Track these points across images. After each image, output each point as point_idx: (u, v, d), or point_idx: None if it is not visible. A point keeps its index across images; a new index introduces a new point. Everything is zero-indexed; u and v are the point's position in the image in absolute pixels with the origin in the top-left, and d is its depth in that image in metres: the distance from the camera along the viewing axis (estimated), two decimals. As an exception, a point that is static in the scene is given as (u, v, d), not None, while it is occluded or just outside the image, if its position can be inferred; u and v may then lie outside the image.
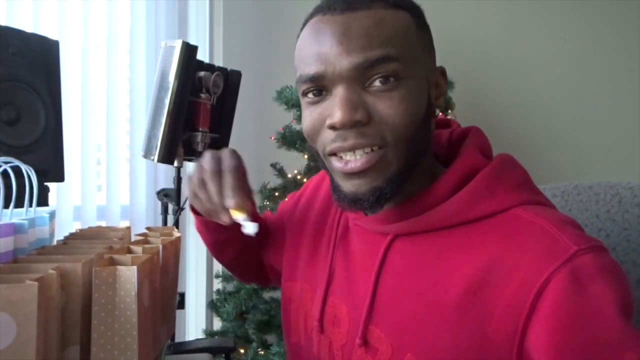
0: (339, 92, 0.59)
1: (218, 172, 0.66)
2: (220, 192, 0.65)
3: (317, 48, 0.60)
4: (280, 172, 1.88)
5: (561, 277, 0.52)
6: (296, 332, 0.78)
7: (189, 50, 1.46)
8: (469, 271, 0.57)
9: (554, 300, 0.52)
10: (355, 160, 0.59)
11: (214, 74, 1.53)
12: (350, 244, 0.72)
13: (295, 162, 1.87)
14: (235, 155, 0.68)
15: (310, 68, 0.60)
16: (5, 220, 0.68)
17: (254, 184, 2.09)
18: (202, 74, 1.52)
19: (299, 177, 1.85)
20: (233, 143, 1.72)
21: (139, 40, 1.98)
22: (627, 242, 0.83)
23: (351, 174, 0.60)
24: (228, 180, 0.65)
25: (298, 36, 0.66)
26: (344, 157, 0.60)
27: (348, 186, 0.61)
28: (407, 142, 0.59)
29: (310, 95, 0.62)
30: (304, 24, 0.65)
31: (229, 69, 1.63)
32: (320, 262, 0.75)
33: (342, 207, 0.64)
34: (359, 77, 0.58)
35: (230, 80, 1.61)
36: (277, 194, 1.84)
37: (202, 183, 0.67)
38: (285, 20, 2.22)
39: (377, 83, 0.58)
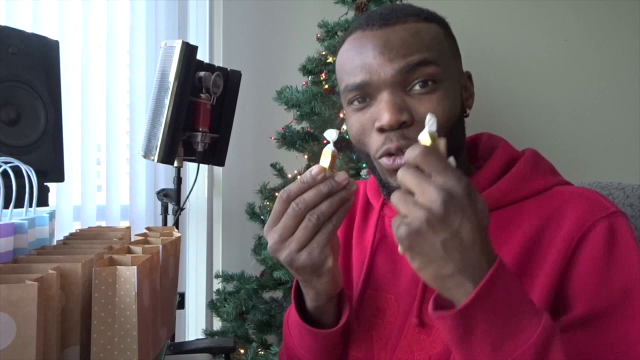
0: (383, 98, 0.64)
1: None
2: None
3: (360, 60, 0.66)
4: (280, 172, 1.88)
5: (601, 227, 0.63)
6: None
7: (189, 50, 1.46)
8: (523, 237, 0.65)
9: (593, 245, 0.62)
10: (401, 157, 0.63)
11: (214, 74, 1.54)
12: (392, 242, 0.75)
13: (295, 162, 1.87)
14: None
15: (356, 78, 0.66)
16: (5, 220, 0.68)
17: (254, 184, 2.09)
18: (202, 74, 1.52)
19: (299, 177, 1.85)
20: (233, 143, 1.72)
21: (139, 40, 1.98)
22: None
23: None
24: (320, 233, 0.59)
25: (337, 52, 0.72)
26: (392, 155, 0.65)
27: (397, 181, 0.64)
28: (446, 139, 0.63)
29: (355, 102, 0.68)
30: (343, 40, 0.70)
31: (229, 69, 1.63)
32: (347, 257, 0.80)
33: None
34: (401, 82, 0.64)
35: (230, 80, 1.61)
36: (277, 194, 1.83)
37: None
38: (285, 21, 2.22)
39: (417, 87, 0.64)
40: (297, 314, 0.69)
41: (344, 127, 1.50)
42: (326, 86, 1.75)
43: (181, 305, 1.98)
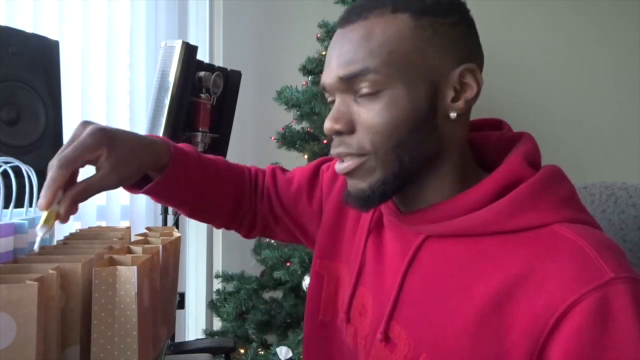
0: (334, 102, 0.64)
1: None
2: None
3: (327, 60, 0.65)
4: (280, 172, 1.87)
5: (590, 302, 0.50)
6: (327, 310, 0.78)
7: (189, 50, 1.46)
8: (497, 282, 0.56)
9: (577, 324, 0.50)
10: (342, 163, 0.64)
11: (214, 74, 1.54)
12: (383, 238, 0.72)
13: (295, 162, 1.87)
14: (84, 141, 0.62)
15: (322, 78, 0.66)
16: (5, 220, 0.68)
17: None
18: (202, 74, 1.52)
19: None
20: (233, 143, 1.72)
21: (139, 40, 1.98)
22: (623, 242, 0.84)
23: (344, 174, 0.65)
24: (48, 177, 0.59)
25: None
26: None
27: (347, 184, 0.66)
28: (394, 149, 0.61)
29: (329, 100, 0.67)
30: None
31: (229, 69, 1.63)
32: (354, 251, 0.76)
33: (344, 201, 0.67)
34: (349, 88, 0.62)
35: (230, 80, 1.61)
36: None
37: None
38: (285, 20, 2.22)
39: (362, 93, 0.61)
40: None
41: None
42: (326, 86, 1.74)
43: (181, 305, 1.98)
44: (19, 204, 0.75)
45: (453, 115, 0.62)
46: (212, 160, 0.83)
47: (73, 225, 1.83)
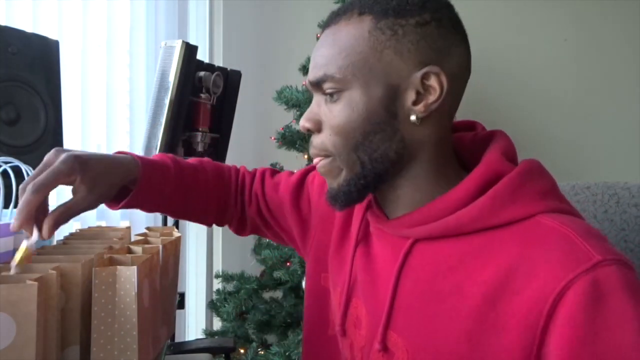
0: None
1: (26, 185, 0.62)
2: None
3: None
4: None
5: (581, 285, 0.51)
6: (330, 323, 0.77)
7: (189, 50, 1.46)
8: (488, 278, 0.56)
9: (571, 308, 0.51)
10: (318, 163, 0.66)
11: (214, 74, 1.54)
12: (372, 246, 0.71)
13: (295, 162, 1.87)
14: (57, 168, 0.63)
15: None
16: (5, 220, 0.68)
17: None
18: (202, 74, 1.52)
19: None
20: (233, 143, 1.72)
21: (139, 40, 1.98)
22: (624, 242, 0.84)
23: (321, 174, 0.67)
24: (20, 200, 0.61)
25: None
26: None
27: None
28: (353, 150, 0.62)
29: None
30: None
31: (229, 69, 1.63)
32: (343, 263, 0.75)
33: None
34: (319, 90, 0.64)
35: (230, 80, 1.61)
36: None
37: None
38: (285, 20, 2.22)
39: (327, 95, 0.63)
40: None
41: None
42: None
43: (181, 305, 1.98)
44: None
45: (413, 118, 0.61)
46: (192, 167, 0.84)
47: (73, 225, 1.83)
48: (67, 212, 0.65)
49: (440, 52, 0.61)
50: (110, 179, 0.70)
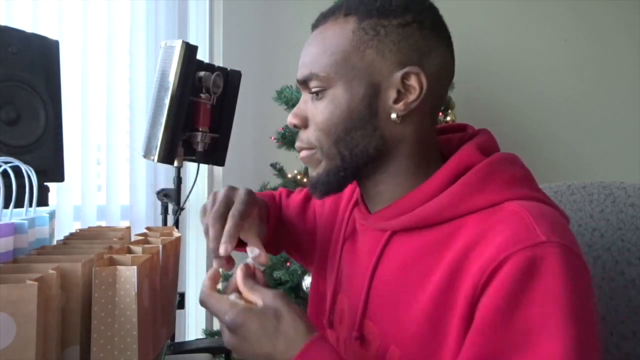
0: None
1: (221, 217, 0.65)
2: (217, 239, 0.64)
3: None
4: (280, 172, 1.88)
5: (517, 259, 0.53)
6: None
7: (189, 50, 1.46)
8: (449, 262, 0.59)
9: (502, 280, 0.53)
10: (301, 154, 0.70)
11: (214, 74, 1.53)
12: (357, 242, 0.74)
13: (295, 162, 1.87)
14: (246, 199, 0.67)
15: None
16: (5, 220, 0.68)
17: (254, 184, 2.08)
18: (202, 74, 1.52)
19: (299, 177, 1.85)
20: (233, 143, 1.72)
21: (139, 40, 1.98)
22: (621, 241, 0.84)
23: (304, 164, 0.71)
24: (228, 225, 0.64)
25: None
26: None
27: None
28: (335, 145, 0.65)
29: None
30: None
31: (229, 69, 1.63)
32: (333, 262, 0.78)
33: None
34: (306, 88, 0.67)
35: (230, 80, 1.61)
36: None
37: (206, 227, 0.66)
38: (285, 20, 2.22)
39: (312, 93, 0.66)
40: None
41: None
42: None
43: (181, 305, 1.97)
44: (19, 204, 0.75)
45: (394, 116, 0.63)
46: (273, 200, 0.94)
47: (73, 225, 1.83)
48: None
49: (421, 53, 0.63)
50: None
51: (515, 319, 0.52)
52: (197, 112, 1.53)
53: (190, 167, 1.87)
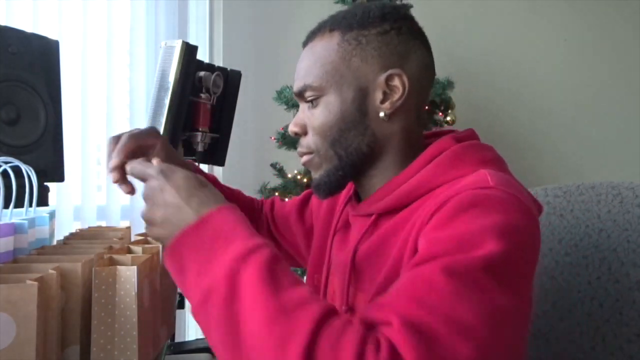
0: None
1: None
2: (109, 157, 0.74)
3: None
4: (280, 172, 1.88)
5: (465, 194, 0.58)
6: None
7: (189, 50, 1.46)
8: (416, 220, 0.63)
9: (444, 209, 0.58)
10: (302, 159, 0.76)
11: (214, 74, 1.53)
12: (348, 234, 0.80)
13: (295, 162, 1.87)
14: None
15: None
16: (5, 220, 0.68)
17: (255, 184, 2.09)
18: (202, 74, 1.52)
19: (299, 177, 1.85)
20: (233, 143, 1.72)
21: (139, 40, 1.98)
22: (627, 242, 0.83)
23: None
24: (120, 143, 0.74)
25: None
26: None
27: None
28: (331, 147, 0.71)
29: None
30: None
31: (229, 69, 1.63)
32: (324, 253, 0.84)
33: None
34: (302, 99, 0.74)
35: (230, 80, 1.61)
36: (277, 194, 1.84)
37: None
38: (285, 21, 2.22)
39: (308, 102, 0.73)
40: None
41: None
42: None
43: (181, 305, 1.97)
44: (19, 204, 0.75)
45: (382, 115, 0.70)
46: (230, 190, 1.00)
47: (73, 225, 1.83)
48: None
49: (401, 56, 0.70)
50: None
51: (448, 228, 0.56)
52: (197, 112, 1.53)
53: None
